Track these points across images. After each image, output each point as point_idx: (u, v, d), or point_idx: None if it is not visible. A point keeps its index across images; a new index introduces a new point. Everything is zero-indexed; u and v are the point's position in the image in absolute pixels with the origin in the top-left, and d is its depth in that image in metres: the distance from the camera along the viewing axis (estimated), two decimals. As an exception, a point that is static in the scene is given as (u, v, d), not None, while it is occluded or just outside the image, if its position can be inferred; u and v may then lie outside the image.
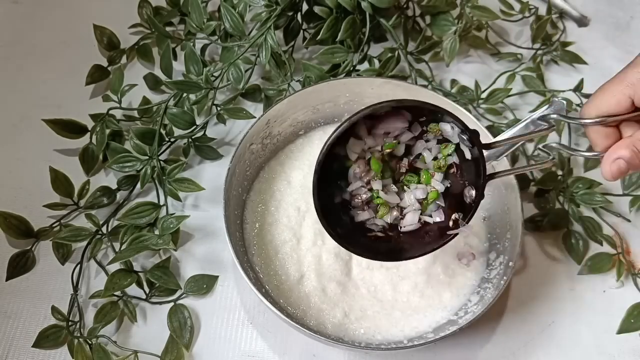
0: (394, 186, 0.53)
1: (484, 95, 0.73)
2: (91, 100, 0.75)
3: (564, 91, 0.73)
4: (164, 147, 0.68)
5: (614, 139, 0.44)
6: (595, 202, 0.65)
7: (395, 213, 0.53)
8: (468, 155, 0.49)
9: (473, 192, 0.50)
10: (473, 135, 0.47)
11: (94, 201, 0.65)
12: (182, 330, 0.58)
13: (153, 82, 0.75)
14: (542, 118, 0.48)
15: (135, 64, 0.79)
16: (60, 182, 0.64)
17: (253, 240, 0.61)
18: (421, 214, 0.53)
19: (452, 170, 0.51)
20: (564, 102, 0.48)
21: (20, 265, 0.62)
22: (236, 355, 0.58)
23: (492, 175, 0.50)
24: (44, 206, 0.63)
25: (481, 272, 0.59)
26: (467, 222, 0.51)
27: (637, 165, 0.42)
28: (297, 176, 0.65)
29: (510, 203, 0.59)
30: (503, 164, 0.58)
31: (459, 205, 0.51)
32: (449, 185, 0.52)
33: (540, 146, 0.48)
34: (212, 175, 0.69)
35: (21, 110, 0.74)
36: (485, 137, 0.59)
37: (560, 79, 0.78)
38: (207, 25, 0.71)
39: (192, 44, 0.73)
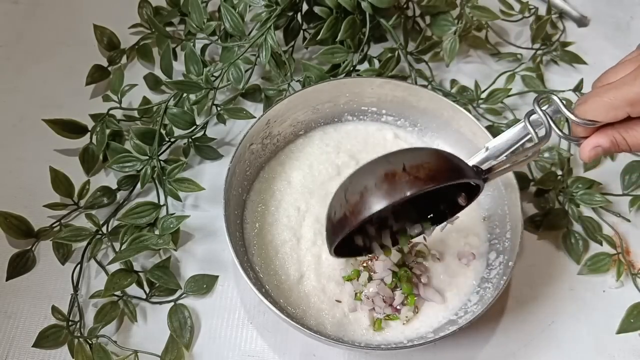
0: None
1: (483, 95, 0.73)
2: (91, 100, 0.75)
3: (563, 91, 0.73)
4: (164, 147, 0.68)
5: (595, 131, 0.46)
6: (595, 202, 0.65)
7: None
8: None
9: (464, 195, 0.50)
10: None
11: (94, 201, 0.65)
12: (182, 330, 0.58)
13: (153, 82, 0.75)
14: (539, 103, 0.48)
15: (135, 64, 0.79)
16: (60, 182, 0.64)
17: (253, 240, 0.61)
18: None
19: None
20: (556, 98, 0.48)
21: (20, 265, 0.62)
22: (236, 355, 0.58)
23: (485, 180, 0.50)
24: (44, 206, 0.64)
25: (481, 272, 0.59)
26: (453, 216, 0.53)
27: (612, 152, 0.46)
28: (297, 176, 0.65)
29: (510, 203, 0.59)
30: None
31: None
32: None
33: (536, 100, 0.47)
34: (212, 175, 0.69)
35: (21, 110, 0.74)
36: (485, 139, 0.59)
37: (560, 79, 0.78)
38: (207, 25, 0.71)
39: (192, 44, 0.73)
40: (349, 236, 0.48)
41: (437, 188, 0.43)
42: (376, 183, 0.43)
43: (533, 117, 0.48)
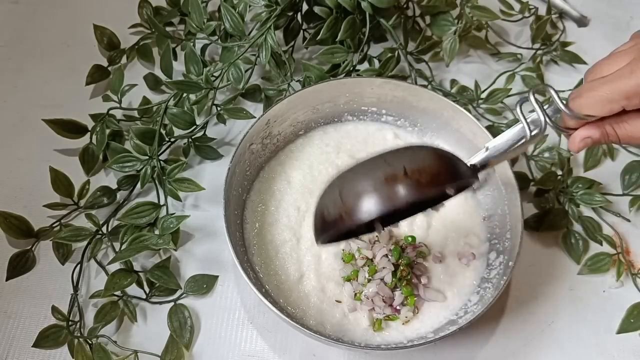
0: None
1: (483, 95, 0.73)
2: (91, 100, 0.75)
3: (563, 91, 0.73)
4: (164, 147, 0.68)
5: (585, 122, 0.45)
6: (595, 202, 0.65)
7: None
8: None
9: (453, 189, 0.50)
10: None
11: (94, 201, 0.65)
12: (182, 330, 0.58)
13: (153, 82, 0.75)
14: (533, 94, 0.47)
15: (135, 64, 0.79)
16: (60, 182, 0.64)
17: (253, 240, 0.61)
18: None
19: None
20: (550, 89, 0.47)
21: (20, 265, 0.62)
22: (236, 355, 0.58)
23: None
24: (44, 206, 0.64)
25: (481, 272, 0.59)
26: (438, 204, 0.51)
27: (602, 143, 0.46)
28: (297, 176, 0.65)
29: (510, 203, 0.59)
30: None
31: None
32: None
33: (531, 92, 0.47)
34: (212, 175, 0.69)
35: (21, 110, 0.74)
36: (485, 139, 0.59)
37: (560, 79, 0.78)
38: (207, 25, 0.71)
39: (192, 44, 0.72)
40: None
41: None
42: (376, 187, 0.42)
43: (531, 117, 0.48)
